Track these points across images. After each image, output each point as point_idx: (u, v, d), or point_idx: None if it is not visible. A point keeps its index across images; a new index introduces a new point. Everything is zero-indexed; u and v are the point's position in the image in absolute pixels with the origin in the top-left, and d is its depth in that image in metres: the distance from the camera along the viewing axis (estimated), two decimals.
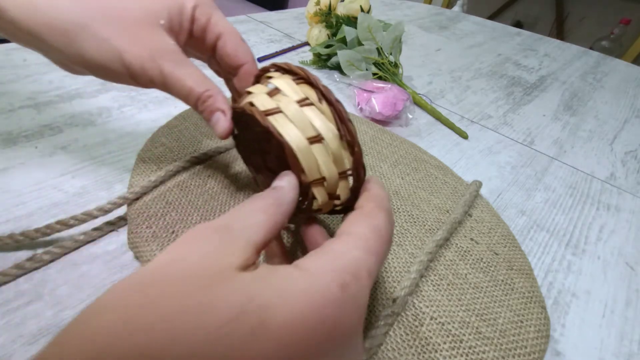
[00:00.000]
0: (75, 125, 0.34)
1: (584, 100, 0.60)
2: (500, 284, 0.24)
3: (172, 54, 0.21)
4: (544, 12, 1.93)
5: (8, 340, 0.19)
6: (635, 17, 1.59)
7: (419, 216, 0.28)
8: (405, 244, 0.26)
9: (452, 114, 0.49)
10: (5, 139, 0.31)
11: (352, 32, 0.52)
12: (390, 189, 0.31)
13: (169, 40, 0.21)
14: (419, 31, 0.82)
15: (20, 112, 0.34)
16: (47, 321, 0.20)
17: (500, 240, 0.28)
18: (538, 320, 0.23)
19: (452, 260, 0.25)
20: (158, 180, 0.27)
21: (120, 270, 0.23)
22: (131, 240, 0.23)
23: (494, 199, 0.35)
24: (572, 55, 0.82)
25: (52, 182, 0.28)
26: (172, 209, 0.25)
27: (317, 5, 0.59)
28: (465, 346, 0.20)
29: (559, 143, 0.46)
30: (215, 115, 0.21)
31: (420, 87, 0.55)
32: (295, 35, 0.67)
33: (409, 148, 0.36)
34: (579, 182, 0.39)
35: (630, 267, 0.30)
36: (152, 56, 0.20)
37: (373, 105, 0.42)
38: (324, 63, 0.56)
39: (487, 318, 0.22)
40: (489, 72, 0.65)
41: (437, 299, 0.23)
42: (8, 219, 0.24)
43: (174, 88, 0.21)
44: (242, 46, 0.24)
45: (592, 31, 1.76)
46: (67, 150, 0.31)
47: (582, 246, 0.31)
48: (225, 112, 0.21)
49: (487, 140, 0.44)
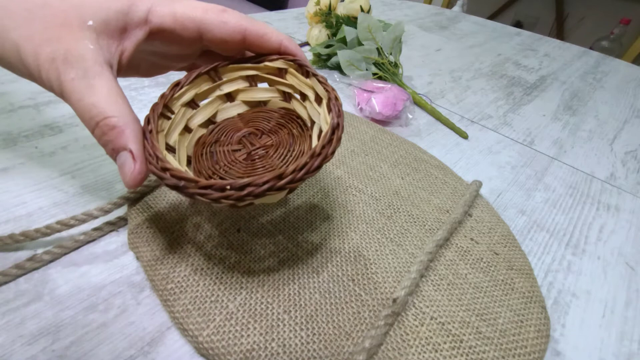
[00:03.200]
0: (75, 125, 0.34)
1: (584, 100, 0.60)
2: (500, 284, 0.24)
3: (81, 59, 0.16)
4: (544, 12, 1.93)
5: (8, 340, 0.19)
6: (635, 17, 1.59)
7: (419, 216, 0.28)
8: (405, 244, 0.26)
9: (452, 114, 0.49)
10: (5, 139, 0.31)
11: (352, 32, 0.52)
12: (390, 189, 0.31)
13: (85, 44, 0.16)
14: (419, 31, 0.82)
15: (20, 112, 0.34)
16: (47, 321, 0.20)
17: (500, 240, 0.28)
18: (538, 320, 0.23)
19: (452, 260, 0.25)
20: (158, 180, 0.27)
21: (120, 270, 0.23)
22: (131, 240, 0.24)
23: (494, 199, 0.35)
24: (572, 55, 0.82)
25: (52, 182, 0.28)
26: (172, 209, 0.25)
27: (317, 5, 0.59)
28: (466, 346, 0.20)
29: (559, 143, 0.46)
30: (121, 156, 0.17)
31: (420, 87, 0.55)
32: (295, 35, 0.67)
33: (409, 148, 0.36)
34: (579, 182, 0.39)
35: (630, 267, 0.30)
36: (53, 57, 0.16)
37: (373, 105, 0.42)
38: (324, 63, 0.56)
39: (487, 318, 0.22)
40: (489, 72, 0.65)
41: (437, 298, 0.23)
42: (8, 219, 0.24)
43: (71, 102, 0.16)
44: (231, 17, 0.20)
45: (592, 31, 1.76)
46: (67, 150, 0.31)
47: (582, 246, 0.31)
48: (135, 155, 0.16)
49: (487, 140, 0.44)
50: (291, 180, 0.16)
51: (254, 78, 0.23)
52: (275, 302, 0.21)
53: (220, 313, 0.20)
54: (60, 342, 0.19)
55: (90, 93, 0.16)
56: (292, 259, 0.24)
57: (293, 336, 0.20)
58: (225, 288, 0.21)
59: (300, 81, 0.22)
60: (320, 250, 0.24)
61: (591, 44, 1.60)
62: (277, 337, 0.19)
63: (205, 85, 0.22)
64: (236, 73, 0.23)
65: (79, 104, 0.16)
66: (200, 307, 0.20)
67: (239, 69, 0.22)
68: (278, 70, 0.22)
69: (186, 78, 0.21)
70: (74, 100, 0.16)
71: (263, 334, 0.19)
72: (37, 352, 0.18)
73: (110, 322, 0.20)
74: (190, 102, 0.22)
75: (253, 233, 0.25)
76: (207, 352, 0.19)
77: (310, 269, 0.23)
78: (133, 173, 0.16)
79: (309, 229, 0.26)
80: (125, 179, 0.17)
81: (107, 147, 0.17)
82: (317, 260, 0.24)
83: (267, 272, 0.22)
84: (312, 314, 0.21)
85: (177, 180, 0.16)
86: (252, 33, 0.20)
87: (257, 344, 0.19)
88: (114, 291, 0.22)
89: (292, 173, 0.16)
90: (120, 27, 0.18)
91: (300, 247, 0.24)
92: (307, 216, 0.27)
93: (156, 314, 0.21)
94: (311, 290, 0.22)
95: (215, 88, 0.23)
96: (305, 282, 0.22)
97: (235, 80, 0.23)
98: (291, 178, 0.16)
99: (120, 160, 0.17)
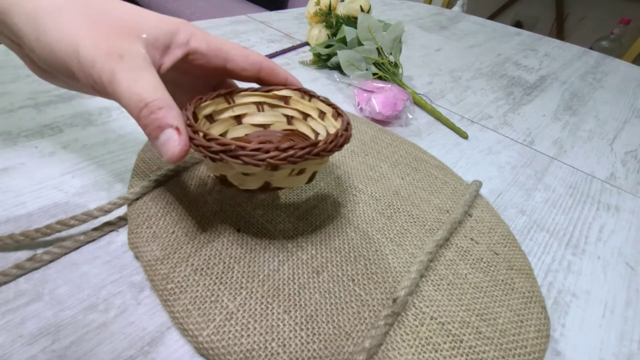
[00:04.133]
0: (75, 125, 0.34)
1: (584, 100, 0.60)
2: (500, 284, 0.24)
3: (134, 56, 0.19)
4: (544, 12, 1.93)
5: (8, 340, 0.19)
6: (635, 17, 1.59)
7: (419, 216, 0.28)
8: (405, 244, 0.26)
9: (452, 114, 0.49)
10: (5, 139, 0.31)
11: (352, 32, 0.52)
12: (390, 189, 0.31)
13: (139, 48, 0.19)
14: (419, 31, 0.82)
15: (20, 112, 0.34)
16: (47, 321, 0.20)
17: (500, 240, 0.28)
18: (538, 320, 0.23)
19: (452, 260, 0.25)
20: (158, 180, 0.27)
21: (120, 270, 0.23)
22: (131, 240, 0.24)
23: (494, 199, 0.35)
24: (572, 55, 0.82)
25: (52, 182, 0.28)
26: (172, 209, 0.25)
27: (317, 5, 0.59)
28: (466, 346, 0.20)
29: (559, 143, 0.46)
30: (166, 132, 0.18)
31: (420, 87, 0.55)
32: (295, 35, 0.67)
33: (409, 148, 0.36)
34: (579, 182, 0.39)
35: (630, 267, 0.30)
36: (111, 51, 0.18)
37: (373, 105, 0.42)
38: (324, 63, 0.56)
39: (487, 318, 0.22)
40: (489, 72, 0.65)
41: (437, 298, 0.23)
42: (8, 219, 0.24)
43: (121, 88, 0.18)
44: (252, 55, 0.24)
45: (592, 31, 1.76)
46: (67, 150, 0.31)
47: (582, 246, 0.31)
48: (180, 130, 0.18)
49: (487, 140, 0.44)
50: (324, 149, 0.19)
51: (262, 104, 0.27)
52: (275, 302, 0.21)
53: (220, 313, 0.20)
54: (60, 342, 0.19)
55: (141, 81, 0.18)
56: (292, 259, 0.24)
57: (293, 336, 0.20)
58: (225, 288, 0.21)
59: (304, 105, 0.26)
60: (320, 250, 0.24)
61: (591, 44, 1.60)
62: (277, 337, 0.19)
63: (221, 105, 0.25)
64: (247, 98, 0.26)
65: (129, 90, 0.18)
66: (200, 307, 0.20)
67: (250, 95, 0.26)
68: (284, 97, 0.26)
69: (208, 95, 0.24)
70: (124, 86, 0.18)
71: (263, 334, 0.19)
72: (37, 352, 0.18)
73: (110, 322, 0.20)
74: (209, 116, 0.24)
75: (253, 233, 0.25)
76: (207, 352, 0.19)
77: (310, 269, 0.23)
78: (179, 145, 0.18)
79: (309, 229, 0.26)
80: (170, 152, 0.18)
81: (152, 125, 0.18)
82: (317, 260, 0.24)
83: (267, 272, 0.22)
84: (312, 314, 0.21)
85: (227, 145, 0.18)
86: (266, 67, 0.25)
87: (257, 344, 0.19)
88: (114, 291, 0.22)
89: (325, 144, 0.19)
90: (166, 44, 0.21)
91: (300, 247, 0.24)
92: (307, 216, 0.27)
93: (156, 314, 0.21)
94: (311, 290, 0.22)
95: (229, 109, 0.25)
96: (305, 282, 0.22)
97: (246, 105, 0.26)
98: (324, 147, 0.19)
99: (164, 136, 0.18)
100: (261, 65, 0.24)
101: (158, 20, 0.21)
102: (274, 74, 0.25)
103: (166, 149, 0.18)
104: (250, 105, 0.26)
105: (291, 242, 0.25)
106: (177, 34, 0.21)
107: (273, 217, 0.26)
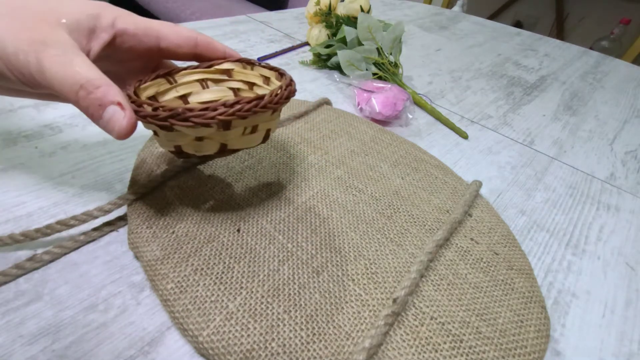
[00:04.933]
0: (75, 125, 0.34)
1: (584, 100, 0.60)
2: (500, 284, 0.24)
3: (59, 42, 0.18)
4: (544, 12, 1.93)
5: (8, 340, 0.19)
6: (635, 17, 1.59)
7: (419, 216, 0.28)
8: (405, 244, 0.26)
9: (452, 114, 0.49)
10: (5, 139, 0.31)
11: (352, 32, 0.52)
12: (390, 189, 0.31)
13: (62, 33, 0.18)
14: (419, 31, 0.82)
15: (20, 112, 0.34)
16: (47, 321, 0.20)
17: (500, 240, 0.28)
18: (538, 320, 0.23)
19: (452, 260, 0.25)
20: (158, 180, 0.27)
21: (120, 270, 0.23)
22: (131, 240, 0.24)
23: (494, 199, 0.35)
24: (572, 55, 0.82)
25: (52, 182, 0.28)
26: (172, 209, 0.25)
27: (317, 5, 0.59)
28: (466, 346, 0.20)
29: (559, 143, 0.46)
30: (109, 110, 0.18)
31: (420, 87, 0.55)
32: (295, 35, 0.67)
33: (409, 148, 0.36)
34: (579, 182, 0.39)
35: (630, 267, 0.30)
36: (33, 40, 0.17)
37: (373, 105, 0.42)
38: (324, 63, 0.56)
39: (487, 318, 0.22)
40: (489, 72, 0.65)
41: (437, 299, 0.23)
42: (8, 219, 0.24)
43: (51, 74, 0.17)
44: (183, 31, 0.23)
45: (592, 31, 1.76)
46: (67, 150, 0.31)
47: (582, 246, 0.31)
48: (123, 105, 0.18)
49: (487, 140, 0.44)
50: (270, 101, 0.19)
51: (205, 81, 0.26)
52: (275, 302, 0.21)
53: (220, 313, 0.20)
54: (60, 342, 0.19)
55: (71, 64, 0.17)
56: (292, 259, 0.24)
57: (293, 336, 0.20)
58: (225, 288, 0.21)
59: (247, 75, 0.26)
60: (320, 250, 0.24)
61: (591, 44, 1.60)
62: (277, 337, 0.19)
63: (163, 86, 0.24)
64: (189, 77, 0.25)
65: (60, 74, 0.17)
66: (200, 307, 0.20)
67: (191, 73, 0.25)
68: (226, 70, 0.26)
69: (147, 77, 0.23)
70: (54, 71, 0.17)
71: (263, 334, 0.19)
72: (37, 352, 0.18)
73: (110, 322, 0.20)
74: (152, 98, 0.24)
75: (253, 233, 0.25)
76: (207, 352, 0.19)
77: (310, 269, 0.23)
78: (125, 119, 0.18)
79: (309, 229, 0.26)
80: (117, 128, 0.18)
81: (93, 105, 0.17)
82: (317, 260, 0.24)
83: (267, 272, 0.22)
84: (312, 314, 0.21)
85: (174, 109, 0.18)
86: (202, 41, 0.24)
87: (257, 344, 0.19)
88: (114, 291, 0.22)
89: (271, 96, 0.19)
90: (90, 27, 0.20)
91: (300, 247, 0.24)
92: (307, 216, 0.27)
93: (156, 314, 0.21)
94: (311, 290, 0.22)
95: (172, 89, 0.25)
96: (305, 282, 0.22)
97: (189, 83, 0.26)
98: (270, 99, 0.19)
99: (108, 113, 0.18)
100: (196, 40, 0.24)
101: (78, 5, 0.20)
102: (211, 47, 0.24)
103: (112, 126, 0.18)
104: (194, 84, 0.26)
105: (291, 242, 0.25)
106: (101, 17, 0.20)
107: (273, 217, 0.26)
